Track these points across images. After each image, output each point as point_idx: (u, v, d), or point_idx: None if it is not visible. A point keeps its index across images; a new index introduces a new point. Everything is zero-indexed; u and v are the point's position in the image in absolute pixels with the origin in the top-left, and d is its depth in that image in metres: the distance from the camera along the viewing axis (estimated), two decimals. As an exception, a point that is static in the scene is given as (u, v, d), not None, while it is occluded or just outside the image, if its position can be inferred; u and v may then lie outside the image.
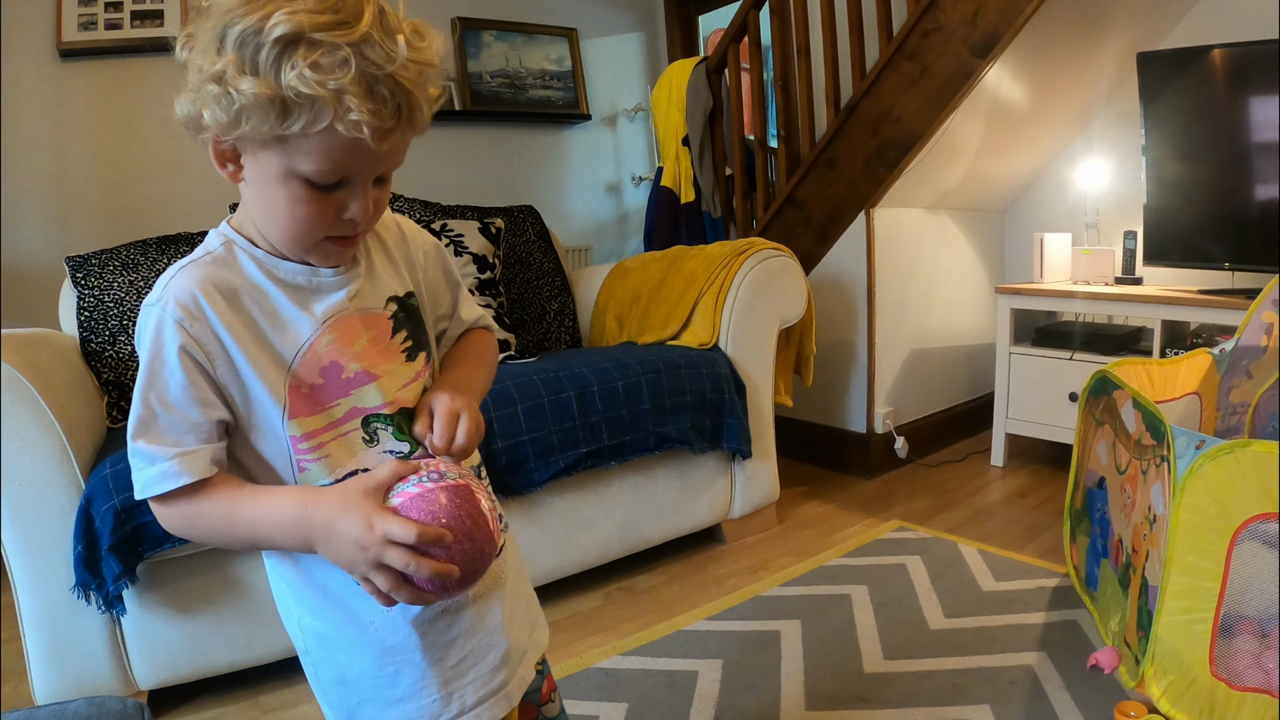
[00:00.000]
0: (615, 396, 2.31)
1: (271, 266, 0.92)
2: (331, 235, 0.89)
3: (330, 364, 0.93)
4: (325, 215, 0.86)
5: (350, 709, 0.99)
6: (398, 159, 0.89)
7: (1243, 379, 2.52)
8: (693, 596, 2.36)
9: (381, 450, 0.94)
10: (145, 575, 1.81)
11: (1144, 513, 1.81)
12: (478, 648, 1.00)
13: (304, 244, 0.89)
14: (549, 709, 1.19)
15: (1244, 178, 2.85)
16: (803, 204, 3.30)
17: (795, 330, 2.82)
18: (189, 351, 0.86)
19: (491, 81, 3.87)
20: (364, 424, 0.94)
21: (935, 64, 2.81)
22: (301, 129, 0.79)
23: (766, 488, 2.74)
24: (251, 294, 0.91)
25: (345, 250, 0.93)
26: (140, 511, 1.71)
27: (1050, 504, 2.91)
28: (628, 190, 4.44)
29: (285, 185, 0.84)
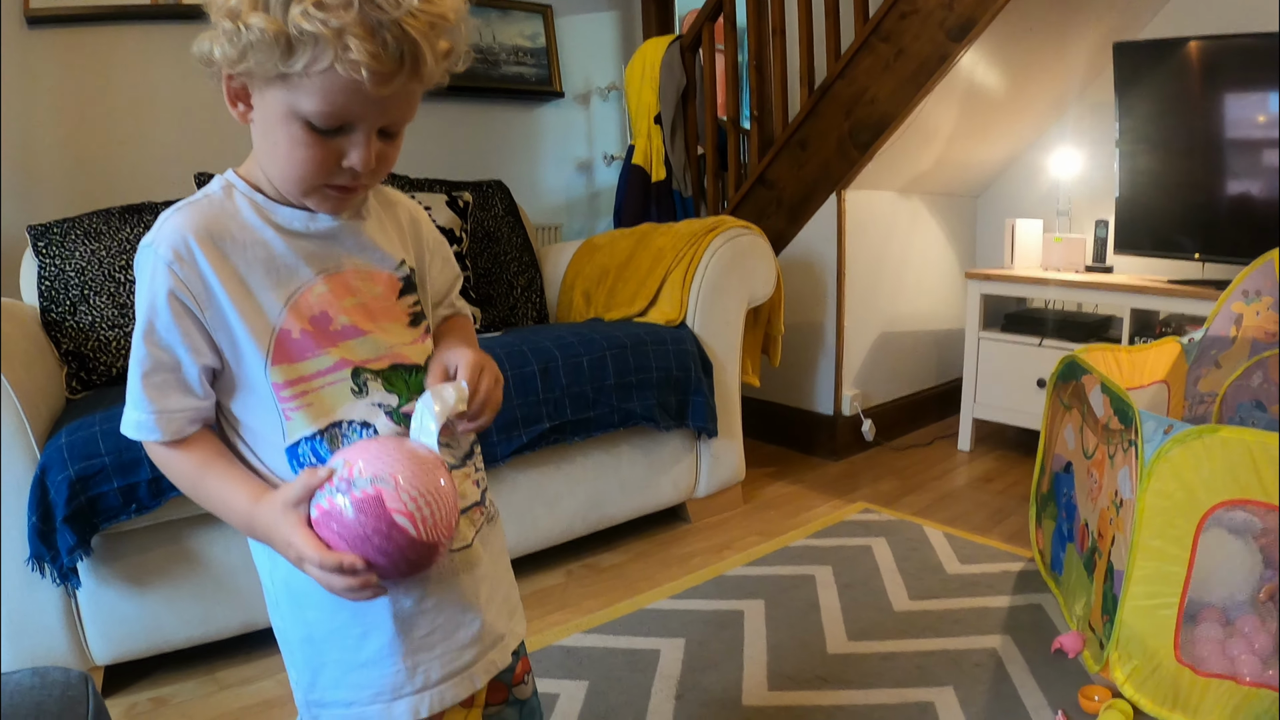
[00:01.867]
0: (580, 372, 2.28)
1: (269, 211, 0.92)
2: (332, 183, 0.89)
3: (320, 314, 0.93)
4: (325, 160, 0.86)
5: (314, 669, 0.98)
6: (403, 111, 0.88)
7: (1211, 368, 2.53)
8: (656, 575, 2.35)
9: (371, 402, 0.95)
10: (101, 548, 1.77)
11: (1110, 497, 1.80)
12: (449, 622, 0.99)
13: (303, 188, 0.90)
14: (521, 690, 1.18)
15: (1216, 170, 2.86)
16: (774, 184, 3.28)
17: (764, 310, 2.80)
18: (178, 295, 0.87)
19: (465, 57, 3.82)
20: (354, 375, 0.94)
21: (910, 46, 2.79)
22: (304, 67, 0.79)
23: (732, 467, 2.73)
24: (245, 239, 0.91)
25: (344, 199, 0.93)
26: (96, 482, 1.67)
27: (1016, 489, 2.91)
28: (599, 169, 4.40)
29: (287, 126, 0.84)
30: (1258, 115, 2.78)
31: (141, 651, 1.86)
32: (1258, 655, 1.59)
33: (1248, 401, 2.51)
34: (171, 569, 1.85)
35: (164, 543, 1.84)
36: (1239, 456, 1.53)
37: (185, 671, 1.94)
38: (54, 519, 1.67)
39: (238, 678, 1.92)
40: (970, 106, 3.10)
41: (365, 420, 0.94)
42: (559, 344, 2.30)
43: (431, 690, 0.98)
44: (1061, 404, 2.24)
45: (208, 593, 1.89)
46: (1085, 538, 1.96)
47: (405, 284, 1.01)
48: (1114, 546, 1.76)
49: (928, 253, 3.62)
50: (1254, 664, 1.57)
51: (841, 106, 3.01)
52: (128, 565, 1.81)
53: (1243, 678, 1.56)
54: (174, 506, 1.78)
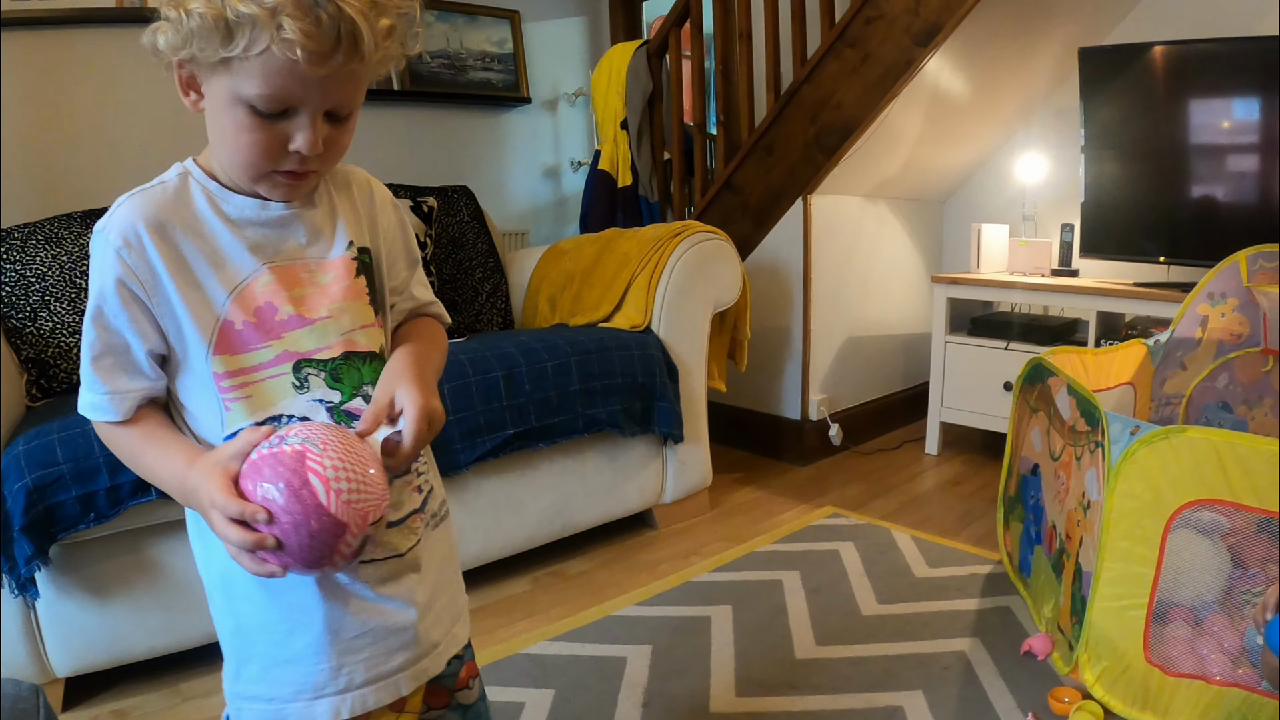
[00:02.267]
0: (544, 377, 2.26)
1: (220, 200, 0.93)
2: (280, 169, 0.89)
3: (265, 304, 0.93)
4: (271, 146, 0.86)
5: (241, 660, 0.98)
6: (348, 93, 0.88)
7: (1177, 370, 2.54)
8: (623, 582, 2.33)
9: (312, 398, 0.94)
10: (60, 558, 1.73)
11: (1078, 499, 1.80)
12: (380, 628, 0.98)
13: (251, 173, 0.90)
14: (465, 695, 1.16)
15: (1180, 174, 2.89)
16: (740, 189, 3.27)
17: (730, 315, 2.79)
18: (126, 282, 0.88)
19: (431, 62, 3.79)
20: (295, 368, 0.94)
21: (876, 51, 2.79)
22: (243, 50, 0.80)
23: (699, 473, 2.71)
24: (195, 228, 0.91)
25: (295, 185, 0.93)
26: (54, 491, 1.64)
27: (984, 492, 2.91)
28: (566, 175, 4.38)
29: (232, 111, 0.85)
30: (1221, 120, 2.80)
31: (103, 663, 1.82)
32: (1227, 654, 1.59)
33: (1214, 403, 2.52)
34: (132, 579, 1.81)
35: (124, 552, 1.80)
36: (1205, 457, 1.54)
37: (148, 683, 1.90)
38: (11, 529, 1.63)
39: (201, 689, 1.88)
40: (936, 112, 3.10)
41: (305, 416, 0.93)
42: (523, 350, 2.27)
43: (354, 693, 0.96)
44: (1028, 407, 2.24)
45: (170, 602, 1.85)
46: (1053, 540, 1.96)
47: (360, 265, 1.00)
48: (1082, 548, 1.75)
49: (894, 257, 3.62)
50: (1224, 663, 1.57)
51: (807, 111, 3.00)
52: (87, 575, 1.77)
53: (1213, 677, 1.56)
54: (133, 515, 1.75)
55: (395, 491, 0.96)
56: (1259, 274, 2.41)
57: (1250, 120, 2.75)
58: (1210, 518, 1.64)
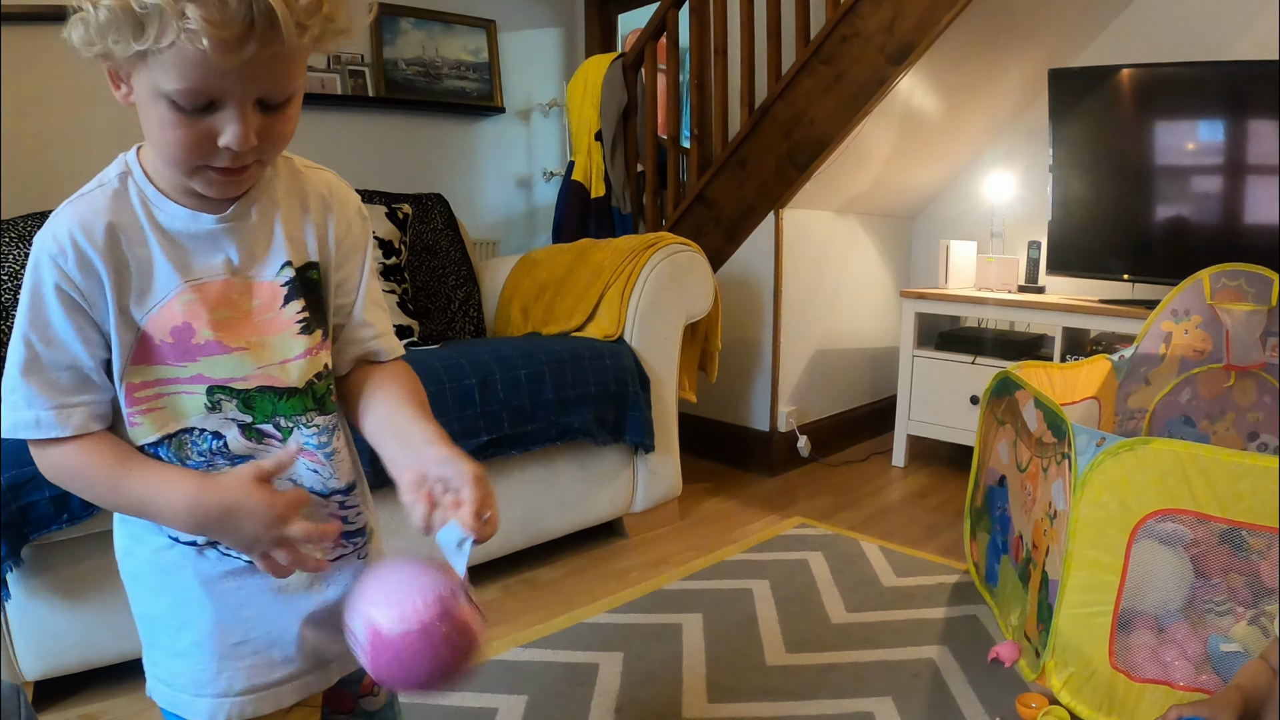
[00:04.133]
0: (518, 385, 2.27)
1: (155, 208, 0.88)
2: (213, 165, 0.83)
3: (183, 325, 0.88)
4: (197, 141, 0.80)
5: (148, 644, 1.00)
6: (276, 80, 0.81)
7: (1140, 385, 2.58)
8: (594, 590, 2.33)
9: (223, 417, 0.91)
10: (31, 558, 1.71)
11: (1044, 509, 1.83)
12: (264, 638, 0.96)
13: (182, 170, 0.84)
14: (369, 701, 1.13)
15: (1146, 194, 2.94)
16: (713, 203, 3.30)
17: (701, 326, 2.81)
18: (64, 290, 0.84)
19: (407, 69, 3.79)
20: (208, 392, 0.90)
21: (850, 69, 2.83)
22: (154, 42, 0.74)
23: (669, 482, 2.73)
24: (131, 235, 0.87)
25: (230, 181, 0.86)
26: (27, 490, 1.61)
27: (950, 504, 2.94)
28: (539, 185, 4.39)
29: (155, 107, 0.79)
30: (1186, 142, 2.86)
31: (73, 666, 1.80)
32: (1190, 661, 1.62)
33: (1176, 417, 2.57)
34: (105, 581, 1.78)
35: (97, 554, 1.77)
36: (1170, 468, 1.57)
37: (117, 688, 1.87)
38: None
39: (168, 695, 1.86)
40: (907, 129, 3.14)
41: (216, 431, 0.91)
42: (497, 357, 2.28)
43: (232, 699, 0.96)
44: (995, 419, 2.27)
45: None
46: (1019, 549, 1.99)
47: (290, 290, 0.94)
48: (1048, 557, 1.78)
49: (863, 272, 3.66)
50: (1187, 669, 1.60)
51: (781, 127, 3.04)
52: (59, 577, 1.75)
53: (1176, 683, 1.59)
54: (106, 517, 1.70)
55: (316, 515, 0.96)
56: (1222, 292, 2.46)
57: (1214, 142, 2.81)
58: (1173, 528, 1.67)
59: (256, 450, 0.92)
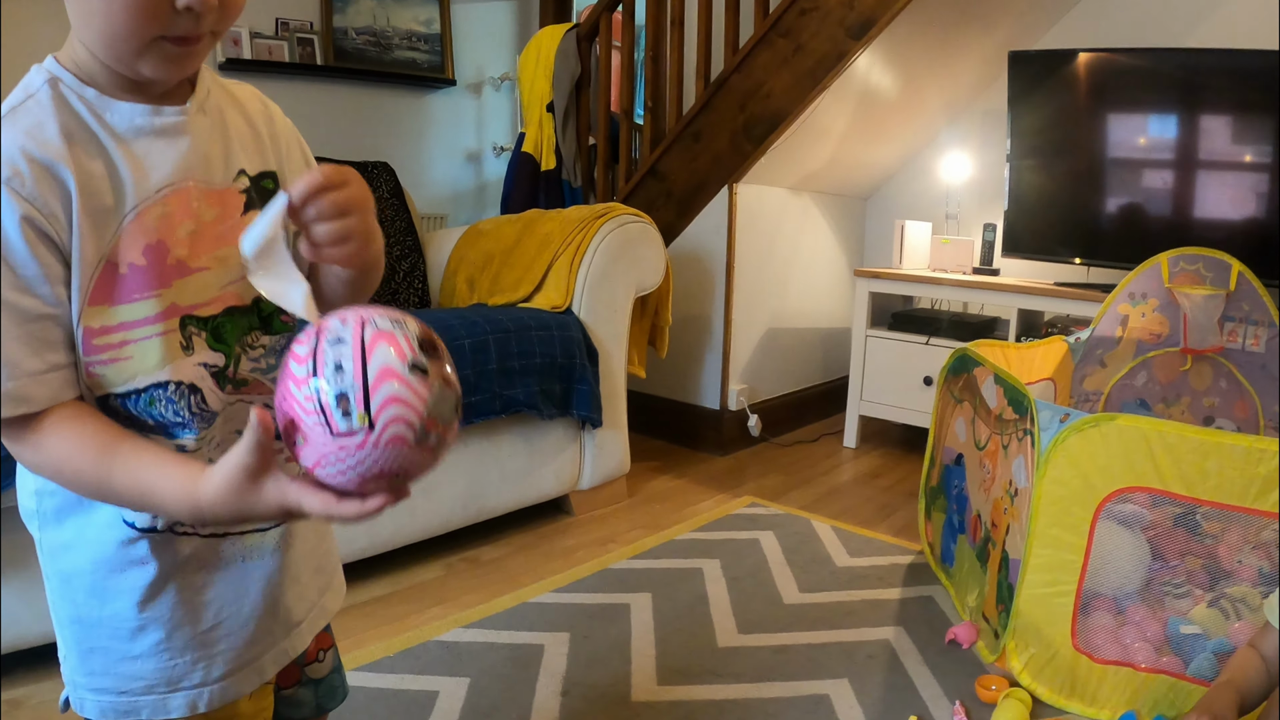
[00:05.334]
0: (461, 355, 2.18)
1: (102, 110, 0.74)
2: (169, 34, 0.70)
3: (156, 242, 0.75)
4: (154, 3, 0.68)
5: (83, 653, 0.83)
6: None
7: (1096, 367, 2.57)
8: (539, 568, 2.26)
9: (196, 362, 0.78)
10: None
11: (1004, 487, 1.79)
12: (236, 614, 0.86)
13: (134, 43, 0.70)
14: (315, 669, 1.04)
15: (1102, 179, 2.94)
16: (665, 176, 3.23)
17: (651, 300, 2.75)
18: (32, 221, 0.69)
19: (357, 39, 3.68)
20: (181, 325, 0.77)
21: (809, 43, 2.77)
22: None
23: (617, 459, 2.66)
24: (84, 143, 0.73)
25: (187, 53, 0.73)
26: None
27: (903, 485, 2.91)
28: (489, 160, 4.30)
29: None
30: (1141, 130, 2.85)
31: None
32: (1150, 643, 1.59)
33: (1131, 400, 2.55)
34: (23, 558, 1.66)
35: (13, 530, 1.64)
36: (1135, 444, 1.54)
37: (42, 670, 1.74)
38: None
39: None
40: (864, 107, 3.10)
41: (192, 383, 0.78)
42: (440, 326, 2.18)
43: (212, 686, 0.85)
44: (952, 397, 2.23)
45: None
46: (978, 529, 1.95)
47: (249, 199, 0.83)
48: (1008, 536, 1.74)
49: (816, 251, 3.62)
50: (1148, 651, 1.58)
51: (737, 100, 2.98)
52: None
53: (1139, 665, 1.56)
54: (17, 491, 1.60)
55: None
56: (1180, 275, 2.44)
57: (1167, 131, 2.81)
58: (1132, 510, 1.64)
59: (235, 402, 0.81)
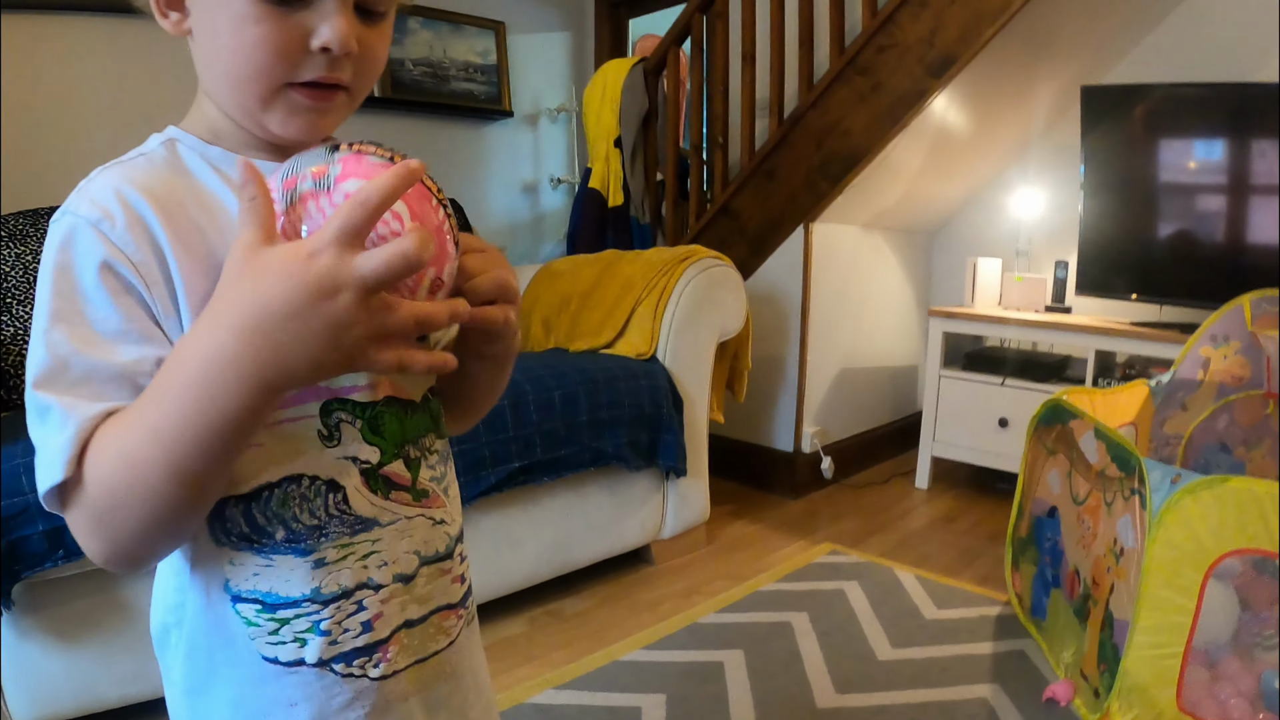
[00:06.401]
0: (551, 408, 2.17)
1: (225, 165, 0.69)
2: (300, 79, 0.66)
3: None
4: (285, 41, 0.64)
5: None
6: None
7: (1177, 410, 2.52)
8: (624, 623, 2.23)
9: (340, 455, 0.68)
10: (22, 597, 1.58)
11: (1108, 545, 1.76)
12: None
13: (259, 89, 0.65)
14: None
15: (1177, 215, 2.89)
16: (738, 214, 3.21)
17: (730, 344, 2.72)
18: (113, 266, 0.61)
19: (414, 70, 3.70)
20: (324, 411, 0.67)
21: (888, 80, 2.74)
22: None
23: (698, 507, 2.63)
24: (201, 200, 0.67)
25: (318, 108, 0.68)
26: (18, 524, 1.49)
27: (980, 529, 2.87)
28: (545, 191, 4.31)
29: (230, 2, 0.63)
30: (1220, 164, 2.81)
31: (69, 712, 1.67)
32: (1245, 698, 1.55)
33: (1213, 443, 2.51)
34: (102, 620, 1.67)
35: (94, 591, 1.66)
36: (1248, 506, 1.50)
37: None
38: None
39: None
40: (939, 143, 3.07)
41: (332, 479, 0.68)
42: (530, 377, 2.18)
43: None
44: (1044, 448, 2.20)
45: (143, 647, 1.67)
46: (1075, 585, 1.91)
47: None
48: (1113, 595, 1.70)
49: (887, 288, 3.58)
50: (1243, 707, 1.55)
51: (813, 137, 2.95)
52: (53, 616, 1.62)
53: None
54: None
55: (426, 580, 0.74)
56: (1262, 318, 2.40)
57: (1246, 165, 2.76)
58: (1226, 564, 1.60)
59: (381, 512, 0.70)
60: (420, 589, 0.73)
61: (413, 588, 0.72)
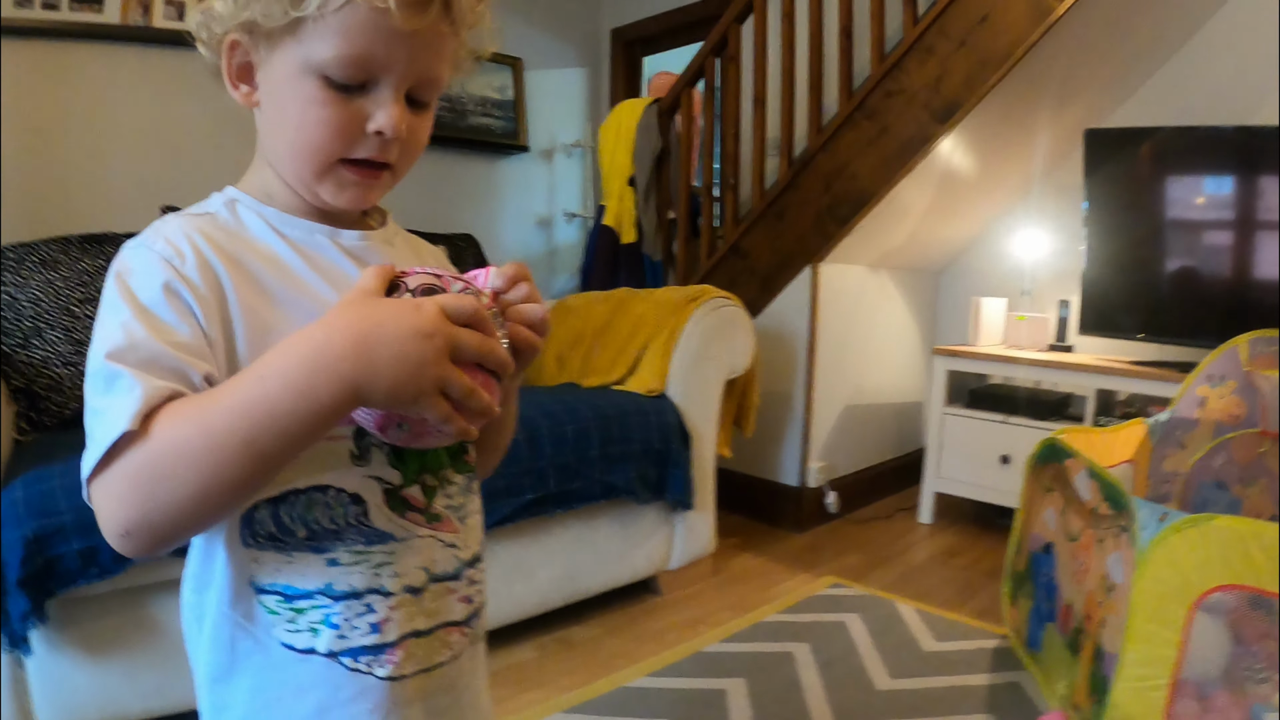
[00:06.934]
0: (564, 441, 2.24)
1: (282, 225, 0.78)
2: (354, 156, 0.75)
3: None
4: (345, 123, 0.73)
5: None
6: (434, 65, 0.75)
7: (1175, 450, 2.57)
8: (631, 651, 2.29)
9: (366, 474, 0.76)
10: (55, 612, 1.64)
11: (1099, 580, 1.81)
12: None
13: (316, 163, 0.75)
14: None
15: (1178, 256, 2.95)
16: (748, 254, 3.29)
17: (739, 381, 2.79)
18: (177, 290, 0.69)
19: (432, 105, 3.80)
20: (356, 435, 0.75)
21: (895, 125, 2.83)
22: (320, 6, 0.68)
23: (704, 540, 2.69)
24: (260, 253, 0.75)
25: (365, 182, 0.77)
26: (54, 542, 1.56)
27: (981, 564, 2.92)
28: (559, 226, 4.39)
29: (298, 86, 0.72)
30: (1220, 206, 2.87)
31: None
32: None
33: (1209, 481, 2.56)
34: (130, 637, 1.74)
35: (124, 609, 1.73)
36: (1233, 544, 1.55)
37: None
38: (5, 581, 1.55)
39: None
40: (944, 185, 3.15)
41: (356, 493, 0.75)
42: (543, 412, 2.25)
43: None
44: (1041, 486, 2.26)
45: (168, 664, 1.77)
46: (1069, 619, 1.96)
47: None
48: (1103, 629, 1.76)
49: (892, 327, 3.65)
50: (1236, 741, 1.59)
51: (821, 180, 3.03)
52: (83, 632, 1.69)
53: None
54: (137, 571, 1.68)
55: (433, 596, 0.80)
56: (1259, 358, 2.45)
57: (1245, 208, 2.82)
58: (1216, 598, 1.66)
59: (396, 529, 0.77)
60: (428, 603, 0.80)
61: (420, 601, 0.79)
